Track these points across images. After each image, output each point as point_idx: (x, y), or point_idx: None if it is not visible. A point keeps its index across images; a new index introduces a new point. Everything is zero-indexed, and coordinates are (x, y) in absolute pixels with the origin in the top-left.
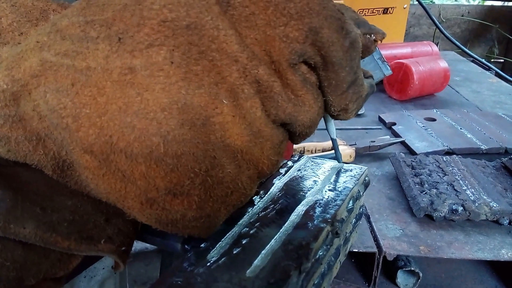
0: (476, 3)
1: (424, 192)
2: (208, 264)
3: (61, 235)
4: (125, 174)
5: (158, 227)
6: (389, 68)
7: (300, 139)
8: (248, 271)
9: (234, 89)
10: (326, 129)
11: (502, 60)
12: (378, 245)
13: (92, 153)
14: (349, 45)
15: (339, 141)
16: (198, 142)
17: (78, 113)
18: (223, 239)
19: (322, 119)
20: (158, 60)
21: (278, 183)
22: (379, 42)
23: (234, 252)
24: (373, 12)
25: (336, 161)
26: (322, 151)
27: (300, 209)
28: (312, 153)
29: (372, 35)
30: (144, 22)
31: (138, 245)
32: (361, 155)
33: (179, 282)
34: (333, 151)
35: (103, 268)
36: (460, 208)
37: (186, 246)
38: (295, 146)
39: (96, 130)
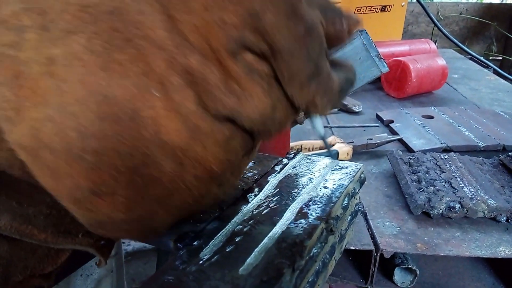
0: (474, 0)
1: (421, 190)
2: (201, 262)
3: (37, 228)
4: (53, 171)
5: (91, 230)
6: (386, 65)
7: (259, 136)
8: (241, 269)
9: (163, 80)
10: (312, 126)
11: (500, 58)
12: (375, 243)
13: (25, 149)
14: (304, 32)
15: (336, 139)
16: (124, 139)
17: (20, 106)
18: (216, 237)
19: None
20: (76, 49)
21: (273, 181)
22: (354, 30)
23: (227, 250)
24: (371, 10)
25: (331, 157)
26: (320, 149)
27: (295, 206)
28: (309, 151)
29: (344, 23)
30: (67, 8)
31: (136, 244)
32: (358, 153)
33: (171, 280)
34: (331, 149)
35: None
36: (458, 206)
37: (179, 244)
38: (292, 144)
39: (26, 126)
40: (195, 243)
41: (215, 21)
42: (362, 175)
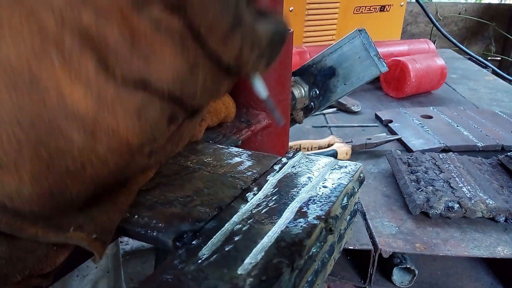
0: (473, 1)
1: (420, 190)
2: (199, 261)
3: (27, 222)
4: None
5: (0, 204)
6: (385, 64)
7: (184, 102)
8: (239, 268)
9: (58, 42)
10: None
11: (499, 58)
12: (374, 243)
13: None
14: None
15: (335, 139)
16: (24, 107)
17: None
18: (215, 236)
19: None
20: None
21: (272, 180)
22: None
23: (226, 249)
24: (370, 10)
25: (277, 122)
26: (319, 149)
27: (294, 205)
28: (308, 150)
29: None
30: None
31: (134, 243)
32: (357, 153)
33: (169, 280)
34: (329, 149)
35: (96, 267)
36: (456, 205)
37: (177, 243)
38: (290, 143)
39: None
40: (193, 242)
41: None
42: (361, 175)
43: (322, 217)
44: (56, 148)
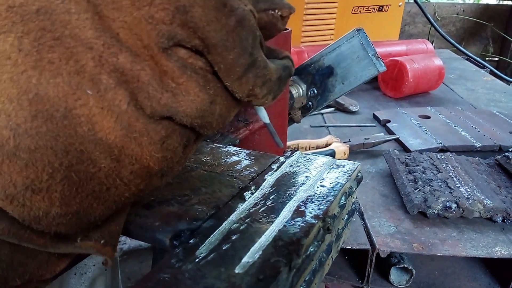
0: (471, 1)
1: (417, 189)
2: (197, 260)
3: (36, 233)
4: None
5: (25, 224)
6: (383, 64)
7: (201, 130)
8: (237, 267)
9: (94, 79)
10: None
11: (496, 59)
12: (372, 242)
13: None
14: (235, 24)
15: (333, 138)
16: (58, 136)
17: None
18: (212, 235)
19: None
20: (5, 48)
21: (269, 179)
22: (287, 17)
23: (224, 248)
24: (368, 10)
25: (277, 145)
26: (316, 148)
27: (291, 205)
28: (306, 150)
29: (277, 11)
30: None
31: (132, 243)
32: (355, 152)
33: (167, 279)
34: (327, 149)
35: (94, 265)
36: (454, 205)
37: (174, 242)
38: (288, 143)
39: None
40: (191, 241)
41: (144, 17)
42: (359, 174)
43: (320, 216)
44: (85, 173)
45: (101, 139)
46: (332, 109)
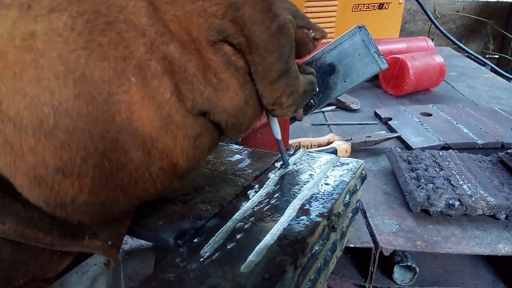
0: None
1: (420, 187)
2: (201, 259)
3: (42, 231)
4: (13, 147)
5: (47, 210)
6: (385, 61)
7: (230, 131)
8: (242, 266)
9: (141, 65)
10: (271, 128)
11: (497, 56)
12: (375, 240)
13: None
14: (277, 29)
15: (335, 136)
16: (97, 120)
17: None
18: (216, 234)
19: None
20: (58, 26)
21: (273, 177)
22: (318, 41)
23: (228, 247)
24: (368, 8)
25: (284, 164)
26: (318, 147)
27: (296, 203)
28: (307, 148)
29: (311, 31)
30: None
31: (133, 242)
32: (357, 150)
33: (171, 278)
34: (329, 147)
35: (95, 264)
36: (457, 203)
37: (178, 241)
38: (290, 141)
39: None
40: (195, 240)
41: (197, 10)
42: (363, 172)
43: (325, 214)
44: (117, 162)
45: (137, 129)
46: (333, 107)
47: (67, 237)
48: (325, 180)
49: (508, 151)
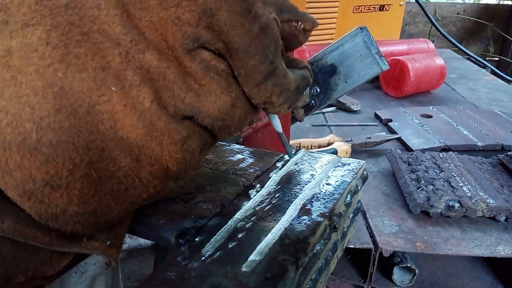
0: (471, 1)
1: (420, 189)
2: (203, 258)
3: (41, 231)
4: (0, 163)
5: (41, 222)
6: (386, 63)
7: (220, 133)
8: (244, 265)
9: (119, 76)
10: (271, 122)
11: (497, 59)
12: (374, 242)
13: None
14: (259, 30)
15: (335, 137)
16: (81, 132)
17: None
18: (218, 233)
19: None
20: (33, 41)
21: (274, 177)
22: (310, 31)
23: (230, 246)
24: (369, 9)
25: (288, 156)
26: (318, 147)
27: (297, 203)
28: (308, 149)
29: (300, 23)
30: (23, 1)
31: (132, 242)
32: (357, 151)
33: (173, 277)
34: (329, 148)
35: (95, 264)
36: (457, 205)
37: (180, 240)
38: (291, 142)
39: None
40: (196, 239)
41: (170, 18)
42: (364, 172)
43: (326, 214)
44: (105, 171)
45: (122, 137)
46: (334, 108)
47: (65, 238)
48: (326, 180)
49: (508, 153)
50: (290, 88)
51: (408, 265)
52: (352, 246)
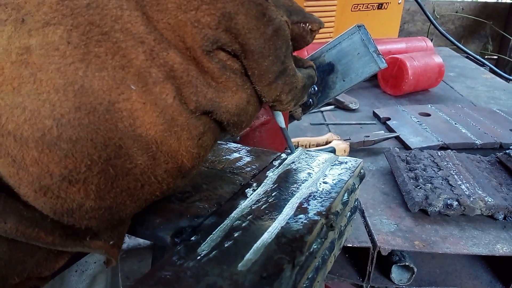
0: None
1: (418, 187)
2: (199, 257)
3: (44, 231)
4: (15, 159)
5: (53, 217)
6: (384, 61)
7: (232, 129)
8: (240, 264)
9: (142, 73)
10: (274, 118)
11: (495, 57)
12: (373, 240)
13: None
14: (272, 33)
15: (333, 136)
16: (99, 129)
17: None
18: (214, 232)
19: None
20: (54, 40)
21: (271, 176)
22: (316, 32)
23: (226, 245)
24: (367, 7)
25: (290, 150)
26: (317, 146)
27: (294, 201)
28: (306, 148)
29: (308, 24)
30: (44, 1)
31: (131, 242)
32: (355, 150)
33: (168, 276)
34: (327, 146)
35: (95, 262)
36: (455, 203)
37: (176, 239)
38: None
39: None
40: (192, 238)
41: (190, 20)
42: (361, 171)
43: (323, 213)
44: (122, 168)
45: (141, 134)
46: (332, 106)
47: (68, 237)
48: (323, 179)
49: (507, 151)
50: (298, 87)
51: (407, 263)
52: (351, 245)
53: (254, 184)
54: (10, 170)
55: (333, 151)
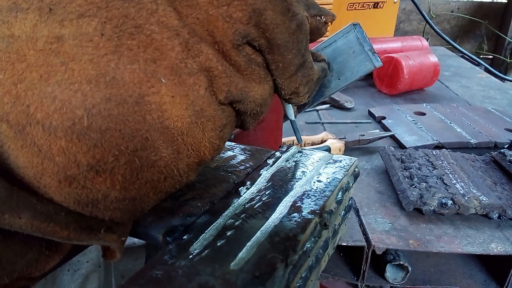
0: None
1: (413, 186)
2: (191, 256)
3: (59, 225)
4: (41, 148)
5: (76, 209)
6: (379, 59)
7: (252, 119)
8: (232, 263)
9: (177, 65)
10: (285, 112)
11: (491, 56)
12: (367, 239)
13: (8, 123)
14: (296, 27)
15: (328, 135)
16: (127, 120)
17: (11, 83)
18: (206, 231)
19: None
20: (88, 31)
21: (265, 174)
22: (329, 24)
23: (218, 244)
24: (363, 6)
25: (298, 141)
26: (312, 145)
27: (288, 200)
28: (301, 146)
29: (323, 17)
30: None
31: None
32: (350, 149)
33: (159, 275)
34: (322, 145)
35: (87, 262)
36: (450, 202)
37: (168, 238)
38: (284, 139)
39: (11, 99)
40: (184, 237)
41: (222, 15)
42: (356, 169)
43: (317, 211)
44: (147, 160)
45: (168, 127)
46: (327, 105)
47: (83, 230)
48: (317, 177)
49: (501, 150)
50: (313, 79)
51: (401, 262)
52: (345, 244)
53: (248, 183)
54: (34, 160)
55: (328, 150)
